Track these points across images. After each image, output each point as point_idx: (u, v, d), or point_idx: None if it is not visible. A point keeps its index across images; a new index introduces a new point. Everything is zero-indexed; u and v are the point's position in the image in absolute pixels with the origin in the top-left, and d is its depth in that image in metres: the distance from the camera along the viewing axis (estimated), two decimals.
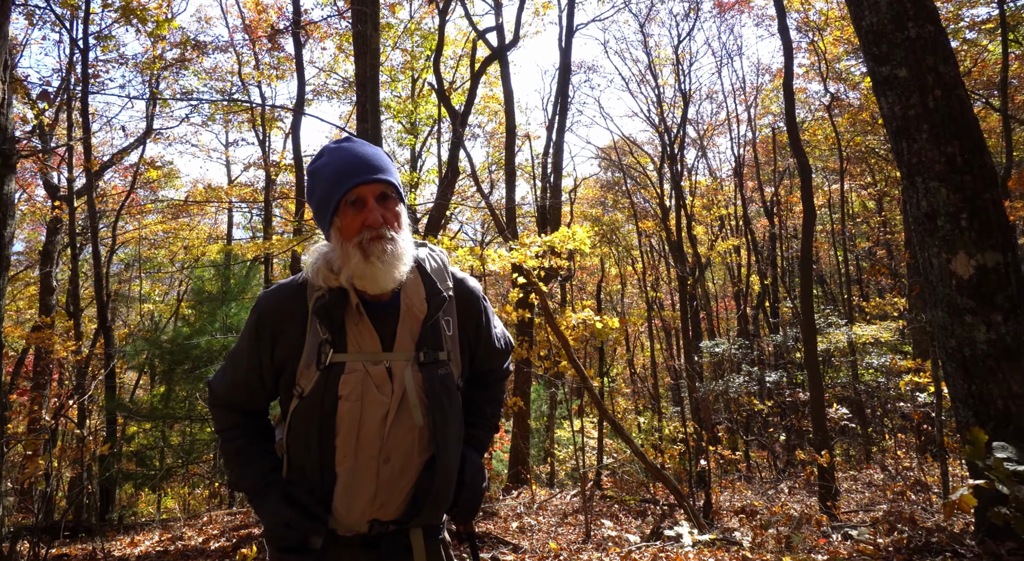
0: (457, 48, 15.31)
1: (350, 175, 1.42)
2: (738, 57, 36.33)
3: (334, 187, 1.43)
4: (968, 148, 3.33)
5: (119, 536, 7.66)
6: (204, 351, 9.58)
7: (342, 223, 1.43)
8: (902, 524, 3.99)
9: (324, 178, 1.45)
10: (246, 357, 1.50)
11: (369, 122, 6.90)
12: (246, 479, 1.49)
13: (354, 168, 1.42)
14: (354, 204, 1.42)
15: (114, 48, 12.63)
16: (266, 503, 1.44)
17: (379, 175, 1.43)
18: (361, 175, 1.42)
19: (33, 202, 16.21)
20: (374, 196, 1.43)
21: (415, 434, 1.44)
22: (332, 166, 1.45)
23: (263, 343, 1.47)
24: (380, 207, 1.43)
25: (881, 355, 10.64)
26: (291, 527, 1.40)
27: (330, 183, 1.44)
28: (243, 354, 1.51)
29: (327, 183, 1.44)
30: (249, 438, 1.54)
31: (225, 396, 1.55)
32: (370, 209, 1.41)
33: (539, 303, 7.05)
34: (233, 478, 1.54)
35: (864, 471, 9.16)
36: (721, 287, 23.42)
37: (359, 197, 1.42)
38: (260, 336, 1.47)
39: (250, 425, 1.56)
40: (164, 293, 21.29)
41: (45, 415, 7.47)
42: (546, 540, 5.97)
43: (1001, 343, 3.14)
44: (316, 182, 1.48)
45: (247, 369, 1.50)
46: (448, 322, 1.55)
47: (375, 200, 1.43)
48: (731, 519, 6.31)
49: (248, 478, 1.49)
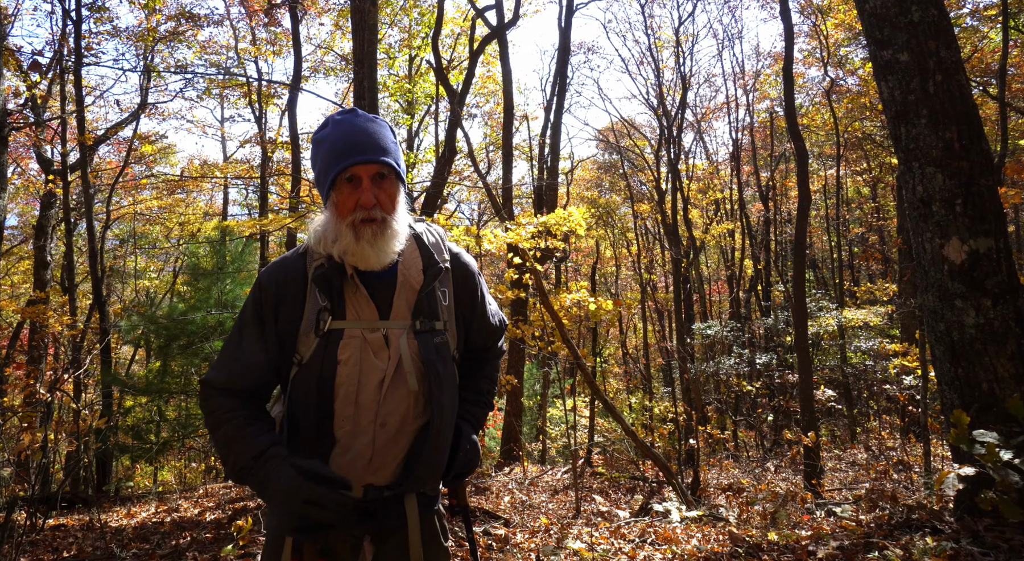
0: (455, 26, 15.17)
1: (348, 152, 1.43)
2: (739, 40, 36.07)
3: (331, 163, 1.45)
4: (966, 134, 3.36)
5: (115, 507, 7.75)
6: (200, 327, 9.61)
7: (337, 199, 1.46)
8: (884, 501, 4.08)
9: (324, 150, 1.47)
10: (251, 329, 1.48)
11: (367, 100, 6.88)
12: (242, 457, 1.38)
13: (353, 146, 1.44)
14: (350, 181, 1.45)
15: (107, 20, 12.44)
16: (274, 479, 1.33)
17: (377, 155, 1.44)
18: (358, 154, 1.43)
19: (27, 176, 16.08)
20: (369, 176, 1.45)
21: (411, 400, 1.47)
22: (332, 139, 1.47)
23: (267, 315, 1.48)
24: (375, 187, 1.45)
25: (870, 339, 10.77)
26: (314, 503, 1.31)
27: (329, 157, 1.46)
28: (247, 330, 1.48)
29: (326, 157, 1.46)
30: (245, 420, 1.43)
31: (225, 381, 1.46)
32: (364, 189, 1.44)
33: (534, 283, 7.10)
34: (229, 462, 1.41)
35: (848, 451, 9.33)
36: (715, 270, 23.55)
37: (355, 175, 1.44)
38: (264, 309, 1.48)
39: (246, 408, 1.46)
40: (159, 269, 21.22)
41: (41, 389, 7.49)
42: (537, 515, 6.08)
43: (989, 328, 3.21)
44: (318, 152, 1.50)
45: (251, 345, 1.47)
46: (444, 293, 1.57)
47: (371, 180, 1.45)
48: (718, 496, 6.42)
49: (244, 455, 1.38)
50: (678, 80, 17.80)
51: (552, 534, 4.70)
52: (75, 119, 10.86)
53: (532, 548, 4.33)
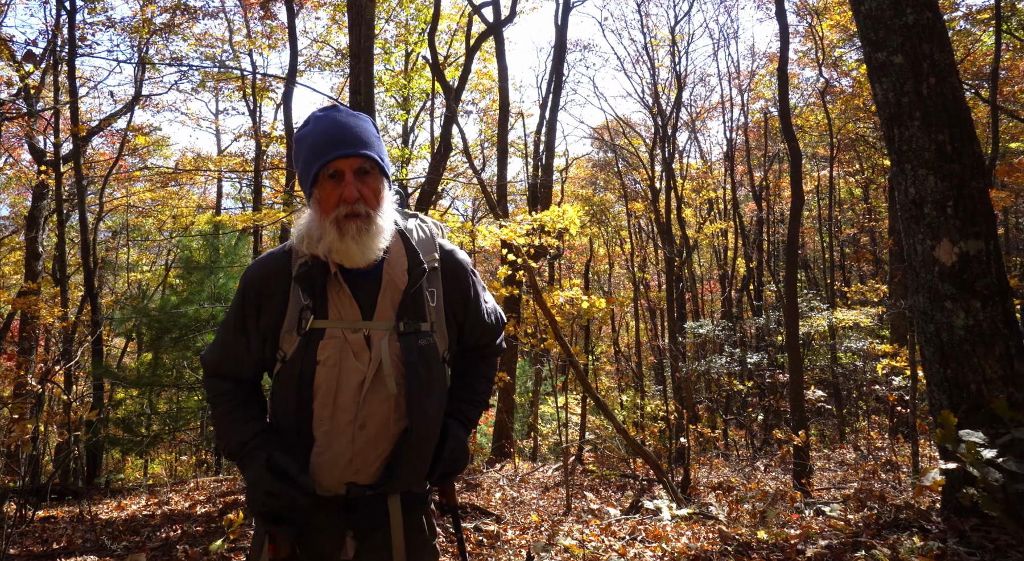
0: (452, 22, 15.14)
1: (329, 147, 1.42)
2: (734, 40, 36.22)
3: (313, 158, 1.43)
4: (958, 137, 3.38)
5: (106, 500, 7.73)
6: (192, 320, 9.59)
7: (321, 195, 1.44)
8: (872, 501, 4.13)
9: (306, 147, 1.46)
10: (234, 326, 1.52)
11: (362, 94, 6.87)
12: (231, 442, 1.48)
13: (334, 140, 1.42)
14: (332, 177, 1.43)
15: (102, 10, 12.36)
16: (249, 468, 1.42)
17: (359, 149, 1.42)
18: (340, 148, 1.41)
19: (19, 166, 15.95)
20: (352, 170, 1.43)
21: (390, 403, 1.45)
22: (313, 136, 1.45)
23: (249, 311, 1.50)
24: (358, 181, 1.43)
25: (860, 339, 10.84)
26: (272, 495, 1.37)
27: (311, 154, 1.44)
28: (231, 323, 1.53)
29: (308, 153, 1.45)
30: (236, 404, 1.53)
31: (215, 365, 1.56)
32: (347, 183, 1.42)
33: (527, 280, 7.11)
34: (220, 444, 1.54)
35: (837, 451, 9.39)
36: (707, 269, 23.62)
37: (337, 170, 1.42)
38: (246, 305, 1.50)
39: (239, 392, 1.55)
40: (152, 262, 21.13)
41: (31, 380, 7.45)
42: (528, 512, 6.10)
43: (978, 329, 3.23)
44: (300, 150, 1.49)
45: (235, 338, 1.52)
46: (432, 293, 1.54)
47: (353, 174, 1.43)
48: (708, 494, 6.46)
49: (233, 441, 1.48)
50: (673, 79, 17.85)
51: (543, 531, 4.72)
52: (68, 110, 10.78)
53: (523, 544, 4.35)
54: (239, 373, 1.56)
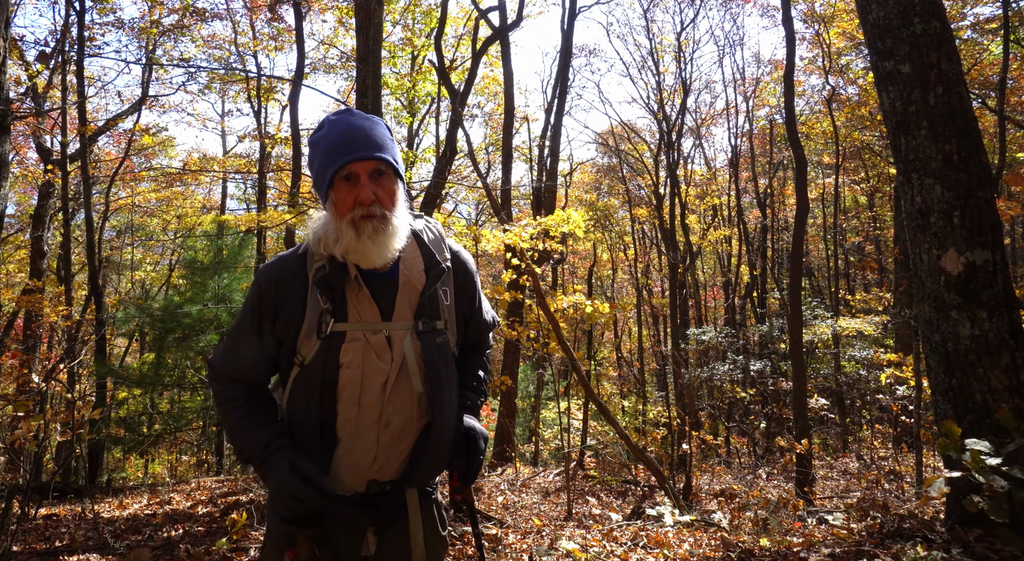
0: (458, 26, 15.18)
1: (345, 150, 1.43)
2: (739, 47, 36.24)
3: (329, 162, 1.45)
4: (965, 146, 3.38)
5: (107, 498, 7.73)
6: (195, 320, 9.60)
7: (336, 198, 1.45)
8: (875, 510, 4.11)
9: (321, 151, 1.48)
10: (248, 330, 1.51)
11: (369, 97, 6.88)
12: (250, 447, 1.47)
13: (349, 143, 1.44)
14: (348, 179, 1.44)
15: (111, 11, 12.41)
16: (272, 472, 1.41)
17: (373, 152, 1.44)
18: (355, 151, 1.43)
19: (25, 165, 16.03)
20: (367, 172, 1.44)
21: (414, 400, 1.49)
22: (329, 139, 1.47)
23: (265, 315, 1.49)
24: (373, 184, 1.44)
25: (864, 348, 10.82)
26: (298, 500, 1.37)
27: (326, 157, 1.46)
28: (246, 327, 1.52)
29: (323, 157, 1.46)
30: (252, 406, 1.52)
31: (227, 369, 1.54)
32: (362, 186, 1.43)
33: (531, 285, 7.11)
34: (237, 448, 1.52)
35: (840, 460, 9.36)
36: (711, 276, 23.61)
37: (352, 173, 1.44)
38: (261, 309, 1.49)
39: (253, 394, 1.55)
40: (156, 262, 21.19)
41: (35, 378, 7.47)
42: (529, 516, 6.09)
43: (984, 339, 3.23)
44: (315, 154, 1.51)
45: (249, 342, 1.51)
46: (445, 292, 1.58)
47: (368, 176, 1.44)
48: (710, 501, 6.45)
49: (252, 446, 1.47)
50: (679, 85, 17.89)
51: (545, 535, 4.71)
52: (76, 109, 10.84)
53: (524, 549, 4.34)
54: (253, 377, 1.55)
